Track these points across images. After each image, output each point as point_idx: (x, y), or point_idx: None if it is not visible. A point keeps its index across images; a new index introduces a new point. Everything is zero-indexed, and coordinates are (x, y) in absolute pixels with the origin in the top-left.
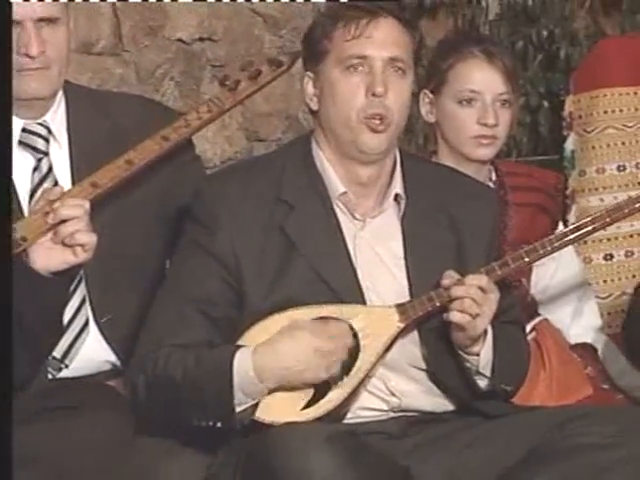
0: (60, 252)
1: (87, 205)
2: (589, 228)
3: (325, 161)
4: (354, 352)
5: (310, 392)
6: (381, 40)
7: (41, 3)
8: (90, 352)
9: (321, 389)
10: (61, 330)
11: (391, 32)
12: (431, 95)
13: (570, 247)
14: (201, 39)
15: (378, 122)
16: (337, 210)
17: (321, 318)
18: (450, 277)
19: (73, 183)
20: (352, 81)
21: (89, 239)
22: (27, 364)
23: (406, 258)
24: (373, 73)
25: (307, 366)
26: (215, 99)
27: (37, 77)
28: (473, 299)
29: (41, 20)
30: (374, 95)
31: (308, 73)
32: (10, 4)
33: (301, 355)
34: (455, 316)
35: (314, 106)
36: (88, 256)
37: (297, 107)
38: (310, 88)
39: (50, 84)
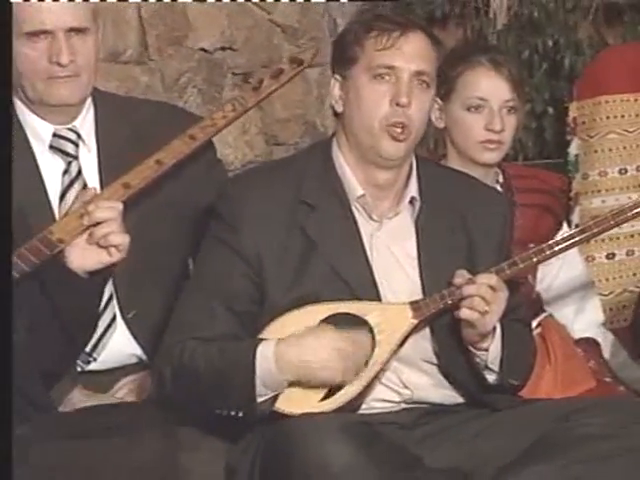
0: (95, 252)
1: (120, 207)
2: (594, 231)
3: (345, 164)
4: (370, 347)
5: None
6: (410, 53)
7: (72, 14)
8: (117, 346)
9: None
10: (95, 327)
11: (420, 46)
12: (440, 102)
13: (574, 248)
14: (222, 48)
15: (400, 131)
16: (355, 211)
17: (346, 321)
18: (462, 276)
19: (101, 185)
20: (378, 89)
21: (122, 240)
22: (61, 359)
23: (419, 258)
24: (399, 84)
25: (325, 364)
26: (239, 98)
27: (67, 84)
28: (483, 297)
29: (71, 30)
30: (398, 105)
31: (336, 76)
32: (10, 4)
33: (322, 352)
34: (465, 313)
35: (339, 108)
36: (122, 256)
37: (314, 113)
38: (336, 90)
39: (80, 91)
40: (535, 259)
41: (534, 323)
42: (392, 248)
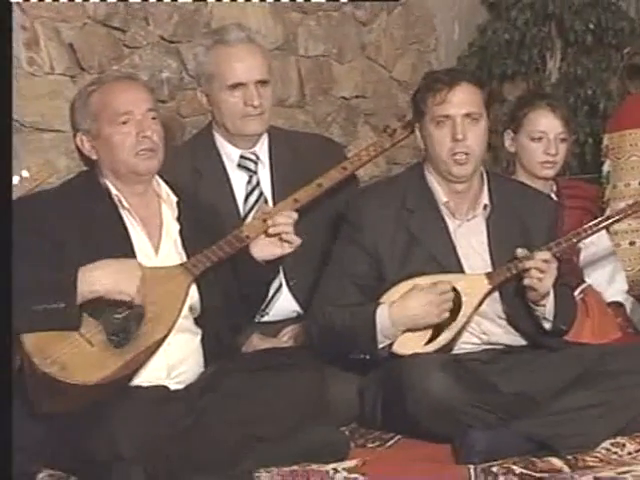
0: (271, 246)
1: (294, 216)
2: (615, 218)
3: (433, 180)
4: (458, 306)
5: (429, 333)
6: (458, 102)
7: (258, 70)
8: (283, 304)
9: (437, 331)
10: (267, 295)
11: (465, 94)
12: (512, 134)
13: (606, 237)
14: (357, 96)
15: (462, 158)
16: (443, 213)
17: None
18: (523, 253)
19: (273, 191)
20: (442, 132)
21: (294, 238)
22: (244, 317)
23: (489, 246)
24: (455, 125)
25: (424, 314)
26: (379, 142)
27: (256, 120)
28: (539, 268)
29: (258, 82)
30: (457, 140)
31: (416, 124)
32: (10, 4)
33: (420, 306)
34: (527, 281)
35: (422, 146)
36: (290, 250)
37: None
38: (418, 134)
39: (264, 124)
40: (574, 239)
41: (578, 291)
42: (470, 239)
